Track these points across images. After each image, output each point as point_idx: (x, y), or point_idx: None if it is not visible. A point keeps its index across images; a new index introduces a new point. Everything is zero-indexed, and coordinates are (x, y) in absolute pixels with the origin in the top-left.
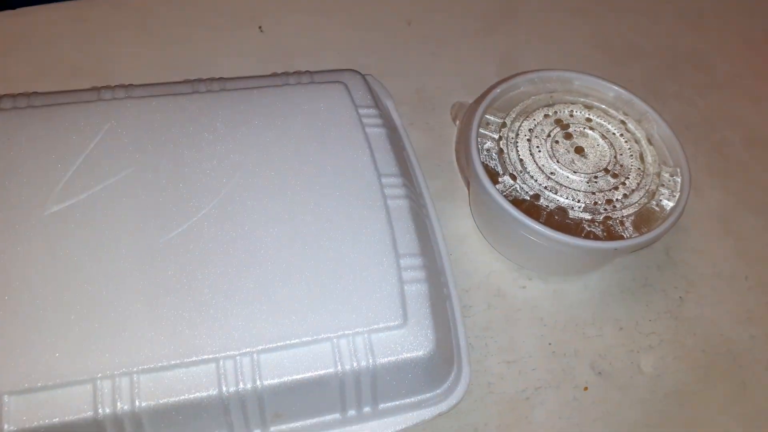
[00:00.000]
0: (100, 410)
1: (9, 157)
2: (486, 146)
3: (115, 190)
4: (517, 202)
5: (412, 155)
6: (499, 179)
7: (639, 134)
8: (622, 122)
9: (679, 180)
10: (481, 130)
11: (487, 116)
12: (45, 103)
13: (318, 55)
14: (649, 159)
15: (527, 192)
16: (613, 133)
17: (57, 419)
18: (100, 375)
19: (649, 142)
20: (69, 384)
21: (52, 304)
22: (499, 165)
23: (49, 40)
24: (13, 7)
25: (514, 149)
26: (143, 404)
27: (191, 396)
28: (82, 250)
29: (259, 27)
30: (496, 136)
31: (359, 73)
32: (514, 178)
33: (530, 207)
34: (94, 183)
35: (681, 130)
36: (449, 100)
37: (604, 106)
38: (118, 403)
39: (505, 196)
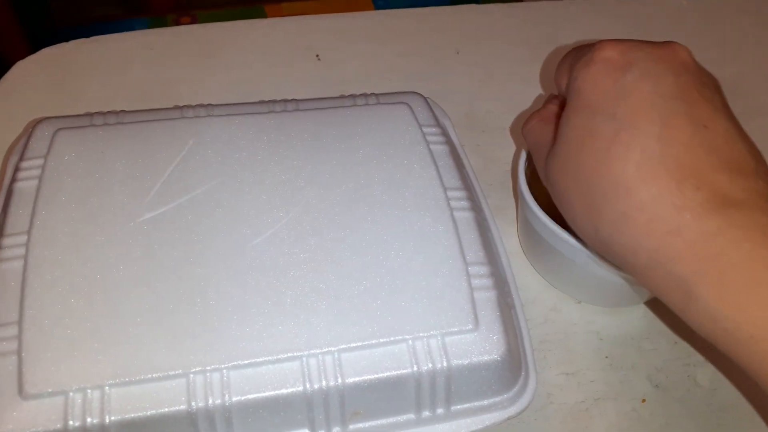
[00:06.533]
0: (193, 403)
1: (104, 169)
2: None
3: (202, 200)
4: None
5: (470, 171)
6: None
7: None
8: None
9: None
10: None
11: None
12: (133, 120)
13: (371, 81)
14: None
15: None
16: None
17: (154, 410)
18: (193, 370)
19: None
20: (164, 378)
21: (147, 302)
22: None
23: (119, 65)
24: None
25: None
26: (233, 399)
27: (278, 392)
28: (173, 254)
29: (317, 55)
30: None
31: (421, 95)
32: None
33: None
34: (182, 193)
35: None
36: (498, 123)
37: None
38: (210, 398)
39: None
